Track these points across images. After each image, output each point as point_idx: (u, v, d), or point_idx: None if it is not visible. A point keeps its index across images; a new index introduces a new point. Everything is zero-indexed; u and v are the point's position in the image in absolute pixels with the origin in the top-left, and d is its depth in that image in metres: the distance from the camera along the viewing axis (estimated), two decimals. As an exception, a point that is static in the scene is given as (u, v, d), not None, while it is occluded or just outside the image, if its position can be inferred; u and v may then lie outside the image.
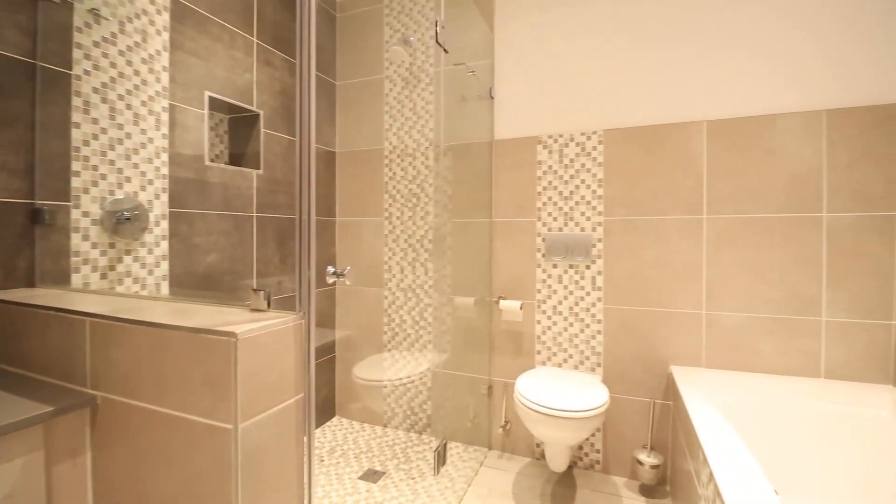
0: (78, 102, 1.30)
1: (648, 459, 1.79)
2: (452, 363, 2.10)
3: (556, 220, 2.00)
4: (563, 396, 1.58)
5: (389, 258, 2.32)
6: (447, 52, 1.56)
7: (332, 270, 1.03)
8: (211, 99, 1.67)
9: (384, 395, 2.35)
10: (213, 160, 1.70)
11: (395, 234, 2.31)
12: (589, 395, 1.61)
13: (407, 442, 2.23)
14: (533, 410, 1.55)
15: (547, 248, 2.01)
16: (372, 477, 1.91)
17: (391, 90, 2.30)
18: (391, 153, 2.31)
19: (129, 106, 1.41)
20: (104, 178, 1.36)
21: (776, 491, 1.02)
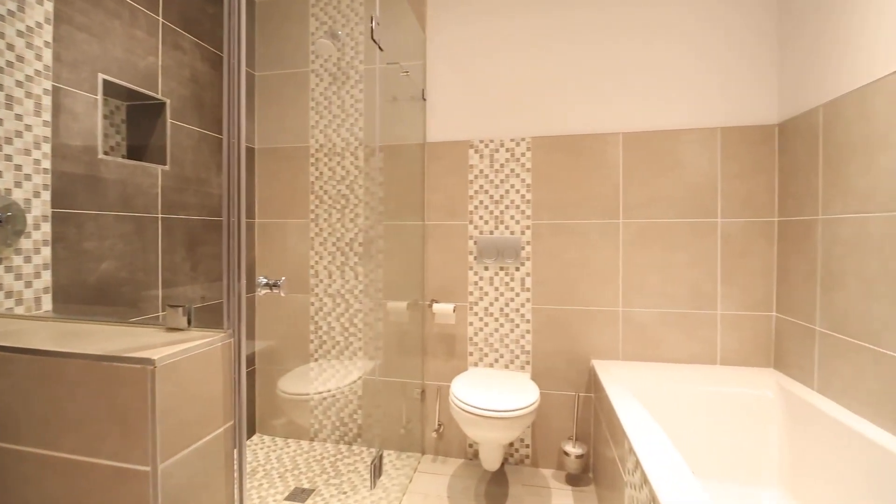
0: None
1: (574, 450, 1.89)
2: (384, 369, 2.04)
3: (487, 223, 2.04)
4: (497, 397, 1.61)
5: (316, 262, 2.20)
6: (382, 49, 1.51)
7: (263, 281, 0.94)
8: (106, 83, 1.44)
9: (311, 407, 2.23)
10: (107, 153, 1.47)
11: (322, 236, 2.19)
12: (521, 393, 1.66)
13: (337, 455, 2.13)
14: (469, 413, 1.56)
15: (479, 250, 2.04)
16: (300, 496, 1.79)
17: (318, 85, 2.17)
18: (318, 151, 2.19)
19: (0, 86, 1.17)
20: (-38, 171, 1.11)
21: (692, 472, 1.13)
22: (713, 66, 1.83)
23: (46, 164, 1.28)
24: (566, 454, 1.90)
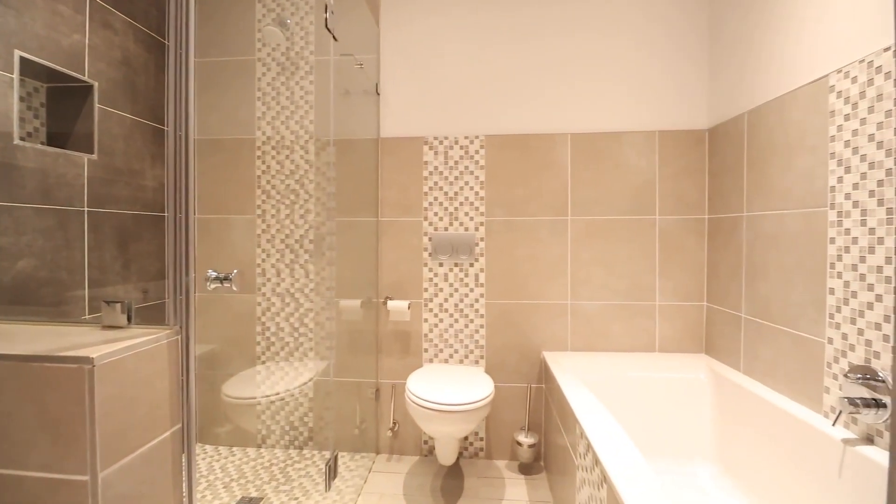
0: None
1: (526, 440, 1.95)
2: (337, 370, 1.99)
3: (441, 219, 2.05)
4: (452, 391, 1.63)
5: (263, 260, 2.10)
6: (337, 39, 1.47)
7: (213, 275, 0.88)
8: (23, 61, 1.29)
9: (258, 412, 2.13)
10: (24, 139, 1.32)
11: (269, 233, 2.10)
12: (477, 386, 1.68)
13: (286, 460, 2.05)
14: (425, 408, 1.56)
15: (433, 247, 2.05)
16: (249, 505, 1.71)
17: (265, 74, 2.08)
18: (265, 144, 2.09)
19: None
20: None
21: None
22: (652, 74, 1.96)
23: (-51, 147, 1.13)
24: (519, 444, 1.95)
